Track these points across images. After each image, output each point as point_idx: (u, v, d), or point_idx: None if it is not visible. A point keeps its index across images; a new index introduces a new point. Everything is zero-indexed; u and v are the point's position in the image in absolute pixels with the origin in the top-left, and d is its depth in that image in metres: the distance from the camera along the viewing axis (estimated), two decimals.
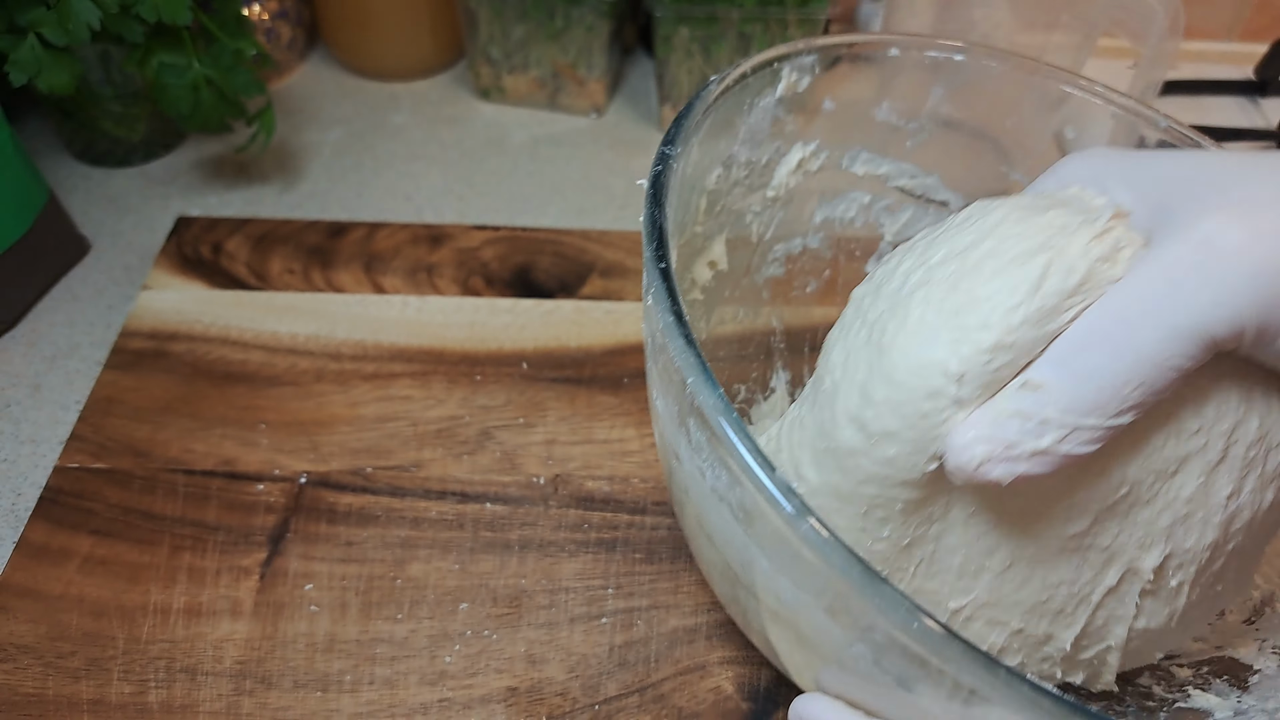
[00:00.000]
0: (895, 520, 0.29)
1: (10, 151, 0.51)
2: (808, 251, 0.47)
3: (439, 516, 0.46)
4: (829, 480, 0.29)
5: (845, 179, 0.46)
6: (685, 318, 0.27)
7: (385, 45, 0.74)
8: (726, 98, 0.37)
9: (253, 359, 0.53)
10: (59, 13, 0.49)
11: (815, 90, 0.41)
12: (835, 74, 0.41)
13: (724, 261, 0.42)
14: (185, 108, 0.56)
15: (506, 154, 0.70)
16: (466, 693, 0.40)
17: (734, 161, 0.40)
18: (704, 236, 0.41)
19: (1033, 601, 0.30)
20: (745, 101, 0.38)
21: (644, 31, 0.78)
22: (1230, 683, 0.35)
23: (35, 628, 0.41)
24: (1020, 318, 0.26)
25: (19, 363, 0.53)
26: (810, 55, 0.40)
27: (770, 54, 0.38)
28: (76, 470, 0.47)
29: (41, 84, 0.51)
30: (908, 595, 0.22)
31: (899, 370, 0.27)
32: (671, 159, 0.33)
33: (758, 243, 0.45)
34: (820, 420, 0.29)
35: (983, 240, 0.28)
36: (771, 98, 0.40)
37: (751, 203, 0.43)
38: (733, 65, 0.37)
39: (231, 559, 0.44)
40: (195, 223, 0.60)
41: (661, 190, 0.32)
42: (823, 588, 0.24)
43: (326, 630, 0.42)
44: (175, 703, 0.39)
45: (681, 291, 0.32)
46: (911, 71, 0.42)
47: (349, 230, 0.60)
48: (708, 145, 0.37)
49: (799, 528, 0.23)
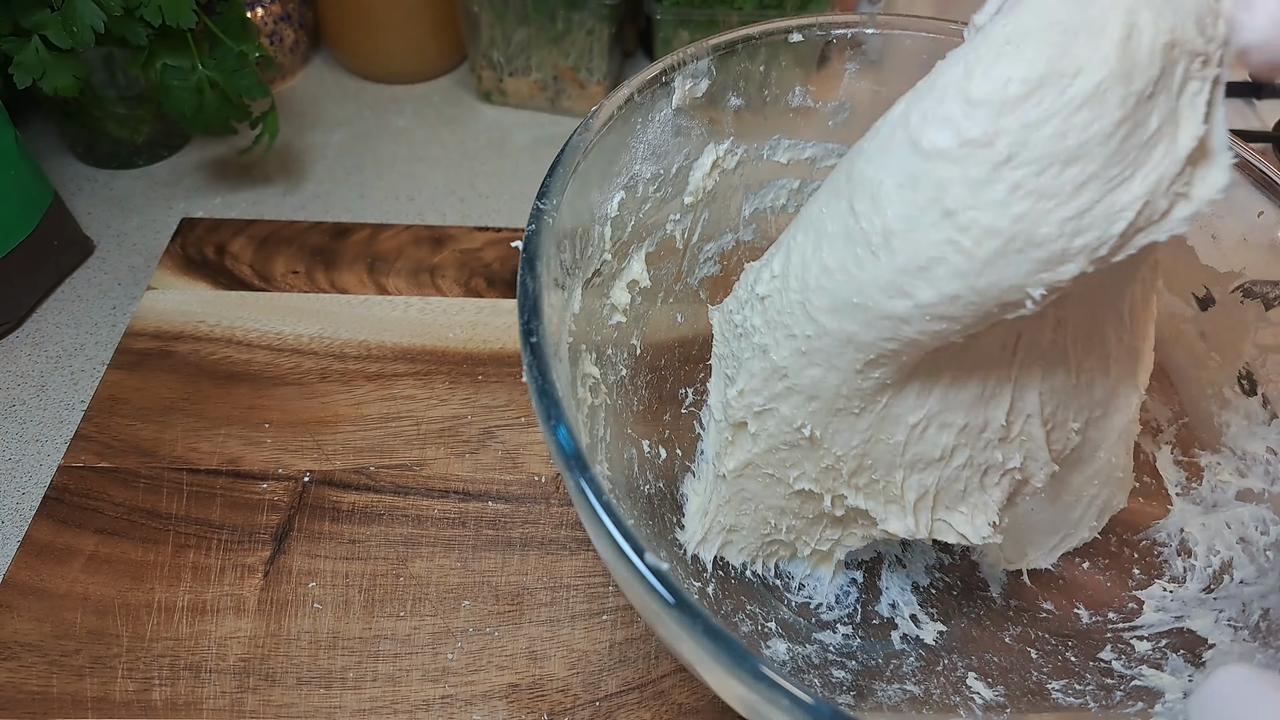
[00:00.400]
0: (891, 366, 0.30)
1: (15, 153, 0.51)
2: (741, 245, 0.47)
3: (441, 515, 0.46)
4: (846, 329, 0.30)
5: (769, 169, 0.45)
6: (567, 421, 0.26)
7: (388, 48, 0.74)
8: (611, 127, 0.35)
9: (257, 359, 0.53)
10: (64, 15, 0.49)
11: (717, 90, 0.40)
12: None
13: (646, 278, 0.41)
14: (189, 110, 0.56)
15: (508, 156, 0.70)
16: (469, 689, 0.40)
17: (638, 181, 0.39)
18: (617, 261, 0.40)
19: (972, 396, 0.32)
20: (637, 121, 0.37)
21: (644, 34, 0.78)
22: (1186, 658, 0.35)
23: (40, 626, 0.41)
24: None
25: (24, 362, 0.53)
26: (703, 59, 0.39)
27: (656, 69, 0.37)
28: (81, 469, 0.47)
29: (46, 86, 0.52)
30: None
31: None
32: (546, 214, 0.31)
33: (685, 248, 0.44)
34: (859, 280, 0.29)
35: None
36: (668, 109, 0.38)
37: (669, 212, 0.42)
38: (611, 93, 0.36)
39: (236, 557, 0.44)
40: (199, 224, 0.61)
41: (536, 252, 0.30)
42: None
43: (330, 627, 0.42)
44: (179, 700, 0.39)
45: (602, 317, 0.32)
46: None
47: (352, 231, 0.61)
48: (599, 180, 0.36)
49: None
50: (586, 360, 0.36)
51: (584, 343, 0.36)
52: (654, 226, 0.41)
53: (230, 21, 0.56)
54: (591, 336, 0.37)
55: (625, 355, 0.41)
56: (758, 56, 0.40)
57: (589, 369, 0.37)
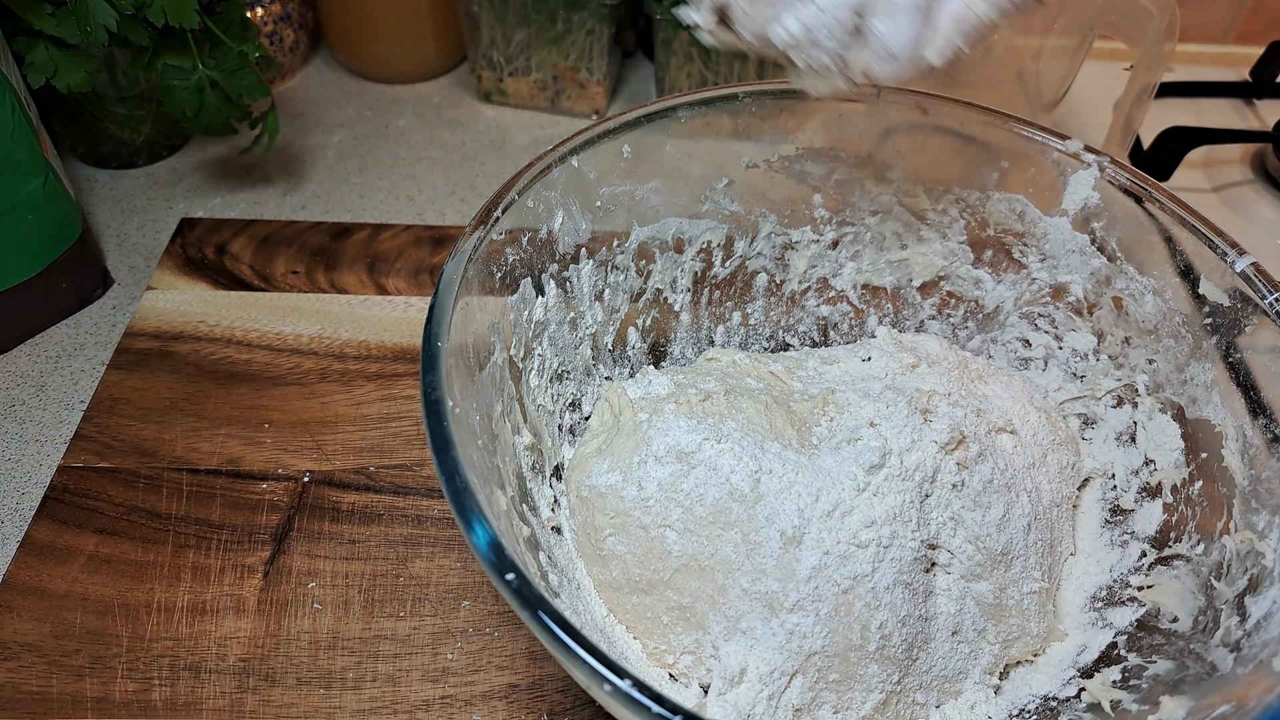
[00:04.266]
0: None
1: (40, 198, 0.50)
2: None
3: (441, 515, 0.46)
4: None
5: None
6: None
7: (388, 49, 0.74)
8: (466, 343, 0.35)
9: (257, 359, 0.53)
10: (77, 14, 0.49)
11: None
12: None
13: (530, 435, 0.41)
14: (190, 110, 0.56)
15: (508, 156, 0.70)
16: (469, 689, 0.40)
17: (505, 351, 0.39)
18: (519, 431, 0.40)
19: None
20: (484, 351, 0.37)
21: (644, 35, 0.78)
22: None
23: (40, 626, 0.41)
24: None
25: (24, 363, 0.53)
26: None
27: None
28: (81, 469, 0.47)
29: (59, 84, 0.52)
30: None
31: None
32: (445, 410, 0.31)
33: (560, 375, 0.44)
34: None
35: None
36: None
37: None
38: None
39: (236, 557, 0.44)
40: (199, 224, 0.61)
41: (445, 441, 0.30)
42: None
43: (330, 627, 0.42)
44: (179, 700, 0.39)
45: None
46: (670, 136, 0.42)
47: (352, 232, 0.61)
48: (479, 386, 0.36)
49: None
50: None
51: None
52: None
53: (230, 21, 0.56)
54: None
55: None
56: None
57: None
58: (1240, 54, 0.80)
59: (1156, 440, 0.41)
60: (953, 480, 0.37)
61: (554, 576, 0.37)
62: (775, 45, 0.35)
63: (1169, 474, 0.40)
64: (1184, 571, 0.37)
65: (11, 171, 0.49)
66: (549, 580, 0.36)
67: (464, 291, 0.35)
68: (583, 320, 0.45)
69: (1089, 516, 0.43)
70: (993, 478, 0.38)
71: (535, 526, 0.38)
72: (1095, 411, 0.45)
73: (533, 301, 0.41)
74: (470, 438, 0.33)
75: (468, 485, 0.29)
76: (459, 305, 0.34)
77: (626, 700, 0.25)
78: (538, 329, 0.42)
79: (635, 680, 0.25)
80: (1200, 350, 0.38)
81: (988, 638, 0.37)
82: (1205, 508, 0.37)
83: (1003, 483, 0.38)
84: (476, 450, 0.33)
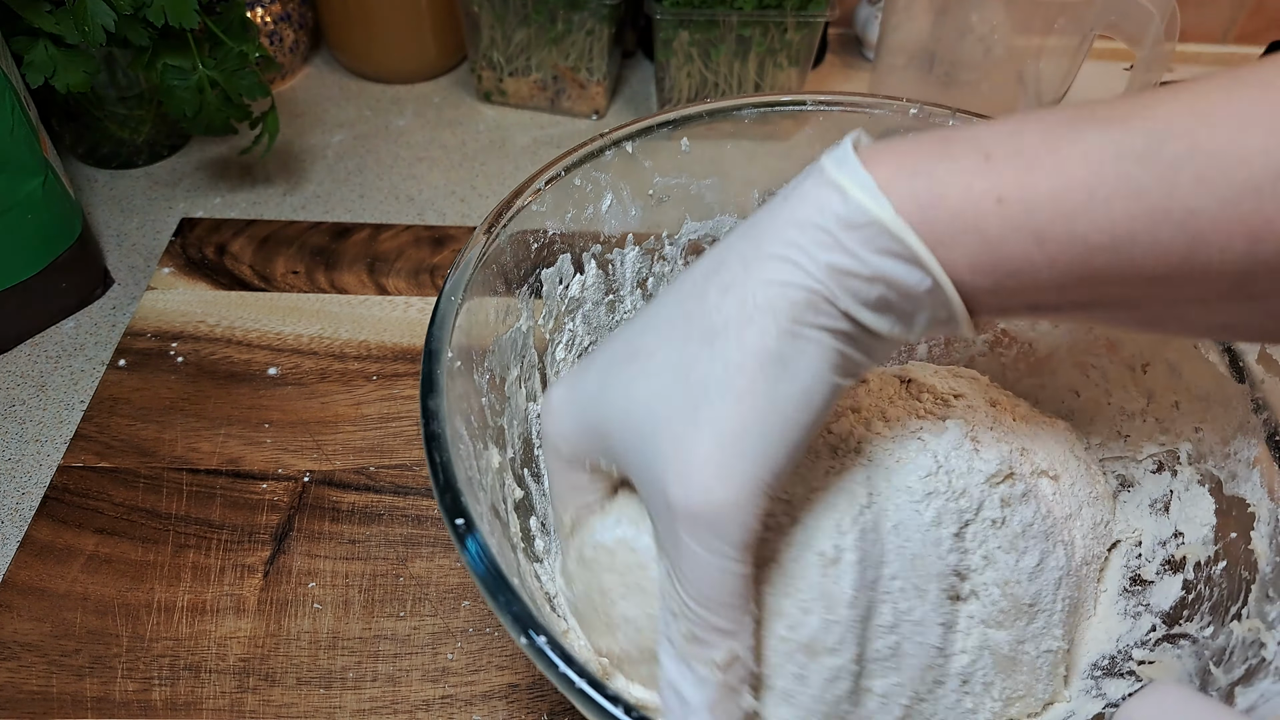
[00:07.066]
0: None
1: (39, 198, 0.50)
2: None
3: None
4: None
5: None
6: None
7: (388, 48, 0.74)
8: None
9: (257, 359, 0.53)
10: (75, 14, 0.49)
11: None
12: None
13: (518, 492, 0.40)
14: (190, 110, 0.56)
15: (508, 156, 0.70)
16: (469, 689, 0.40)
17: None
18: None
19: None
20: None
21: (644, 35, 0.78)
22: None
23: (40, 625, 0.41)
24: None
25: (24, 362, 0.53)
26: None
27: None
28: (81, 469, 0.47)
29: (58, 83, 0.52)
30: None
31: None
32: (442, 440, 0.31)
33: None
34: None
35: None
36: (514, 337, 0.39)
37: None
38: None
39: (236, 557, 0.44)
40: (199, 224, 0.61)
41: (450, 477, 0.30)
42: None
43: (330, 627, 0.42)
44: (179, 700, 0.39)
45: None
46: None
47: (352, 232, 0.61)
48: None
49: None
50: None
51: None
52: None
53: (230, 21, 0.56)
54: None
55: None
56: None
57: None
58: (1240, 54, 0.80)
59: (1189, 513, 0.39)
60: (993, 516, 0.35)
61: (541, 541, 0.37)
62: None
63: (1195, 550, 0.38)
64: (1188, 652, 0.36)
65: (11, 171, 0.49)
66: (534, 546, 0.37)
67: (495, 255, 0.36)
68: (621, 304, 0.45)
69: (1109, 581, 0.41)
70: (1033, 521, 0.36)
71: (534, 491, 0.38)
72: (1134, 474, 0.42)
73: (570, 277, 0.42)
74: (472, 395, 0.34)
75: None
76: (483, 266, 0.35)
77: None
78: (572, 304, 0.42)
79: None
80: (1249, 425, 0.36)
81: (992, 693, 0.36)
82: (1223, 589, 0.36)
83: (1042, 529, 0.36)
84: (476, 413, 0.34)
